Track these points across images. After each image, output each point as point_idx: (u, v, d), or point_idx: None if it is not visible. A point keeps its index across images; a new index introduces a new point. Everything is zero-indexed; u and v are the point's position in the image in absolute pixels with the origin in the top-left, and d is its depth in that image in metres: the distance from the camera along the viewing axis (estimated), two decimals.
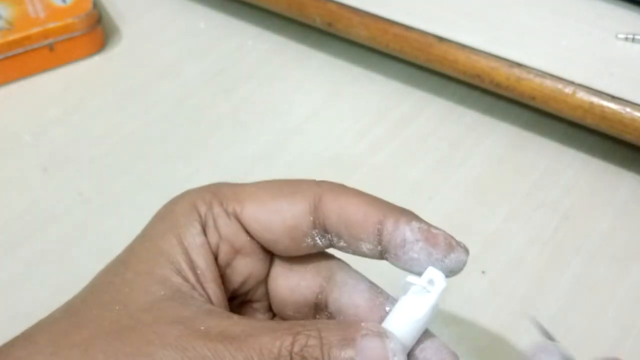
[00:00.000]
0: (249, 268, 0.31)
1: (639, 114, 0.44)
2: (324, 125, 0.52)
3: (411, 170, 0.49)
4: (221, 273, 0.30)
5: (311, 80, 0.56)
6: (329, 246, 0.31)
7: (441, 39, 0.48)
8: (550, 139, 0.51)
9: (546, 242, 0.45)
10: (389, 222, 0.29)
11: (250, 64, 0.57)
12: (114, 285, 0.28)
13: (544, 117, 0.51)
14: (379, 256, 0.30)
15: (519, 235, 0.45)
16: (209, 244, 0.29)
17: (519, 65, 0.47)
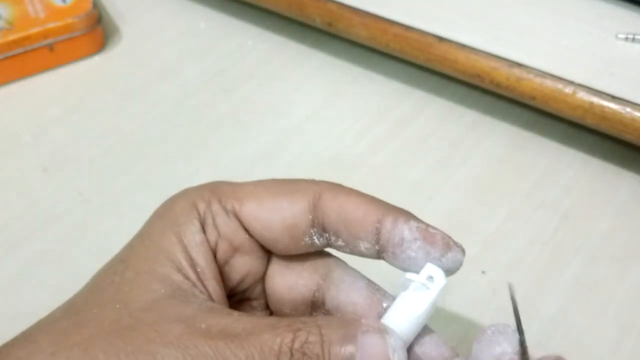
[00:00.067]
0: (247, 266, 0.31)
1: (639, 114, 0.44)
2: (324, 125, 0.52)
3: (411, 170, 0.49)
4: (220, 271, 0.30)
5: (311, 80, 0.56)
6: (326, 245, 0.31)
7: (441, 38, 0.48)
8: (550, 139, 0.51)
9: (546, 242, 0.45)
10: (388, 220, 0.29)
11: (250, 64, 0.57)
12: (114, 284, 0.28)
13: (544, 117, 0.51)
14: (376, 255, 0.30)
15: (519, 235, 0.45)
16: (208, 241, 0.29)
17: (519, 65, 0.47)
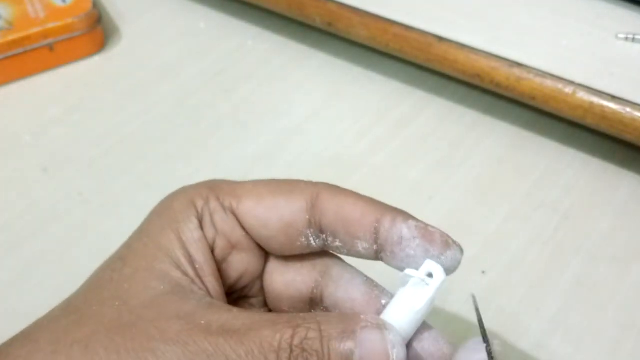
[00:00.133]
0: (244, 263, 0.31)
1: (639, 114, 0.44)
2: (324, 125, 0.52)
3: (411, 170, 0.49)
4: (218, 268, 0.30)
5: (311, 80, 0.56)
6: (322, 247, 0.31)
7: (441, 38, 0.48)
8: (550, 139, 0.51)
9: (546, 242, 0.45)
10: (386, 220, 0.29)
11: (250, 64, 0.57)
12: (113, 282, 0.28)
13: (544, 117, 0.51)
14: (374, 256, 0.30)
15: (519, 235, 0.45)
16: (206, 238, 0.29)
17: (519, 65, 0.47)
